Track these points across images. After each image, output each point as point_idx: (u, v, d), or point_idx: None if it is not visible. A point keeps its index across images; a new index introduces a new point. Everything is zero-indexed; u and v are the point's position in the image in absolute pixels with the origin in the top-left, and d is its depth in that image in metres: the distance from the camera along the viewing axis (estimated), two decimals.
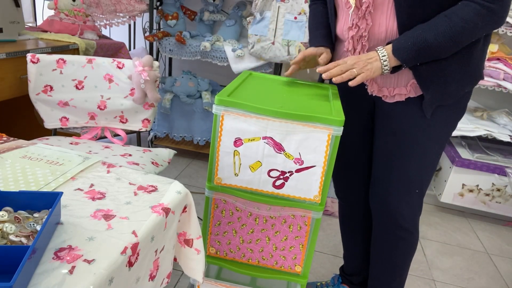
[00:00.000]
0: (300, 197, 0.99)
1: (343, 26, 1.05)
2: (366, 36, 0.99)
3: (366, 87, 1.08)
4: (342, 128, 0.91)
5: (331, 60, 1.15)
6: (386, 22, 0.96)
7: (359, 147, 1.22)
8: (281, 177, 0.97)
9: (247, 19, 2.10)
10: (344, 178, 1.31)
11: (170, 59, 2.69)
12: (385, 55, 0.94)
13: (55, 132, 1.54)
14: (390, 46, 0.94)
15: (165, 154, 1.51)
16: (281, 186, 0.98)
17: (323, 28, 1.15)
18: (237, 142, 0.96)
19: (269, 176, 0.97)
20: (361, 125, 1.19)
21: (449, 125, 1.07)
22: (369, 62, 0.94)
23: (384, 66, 0.94)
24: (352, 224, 1.38)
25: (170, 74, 2.74)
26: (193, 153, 2.56)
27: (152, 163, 1.40)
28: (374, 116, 1.15)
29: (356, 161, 1.25)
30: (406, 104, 1.03)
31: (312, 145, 0.92)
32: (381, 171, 1.14)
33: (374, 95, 1.07)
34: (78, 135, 1.98)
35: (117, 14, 2.25)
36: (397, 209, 1.12)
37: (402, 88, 1.02)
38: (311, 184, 0.96)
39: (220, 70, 2.56)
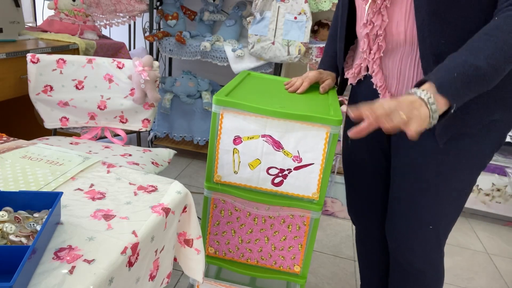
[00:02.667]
0: (298, 195, 0.99)
1: (360, 23, 0.93)
2: (382, 35, 0.86)
3: (379, 95, 0.94)
4: (340, 127, 0.91)
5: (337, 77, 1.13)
6: (405, 21, 0.82)
7: (373, 172, 1.09)
8: (280, 174, 0.97)
9: (247, 19, 2.11)
10: (357, 203, 1.18)
11: (170, 59, 2.69)
12: (430, 97, 0.69)
13: (55, 132, 1.54)
14: (429, 84, 0.71)
15: (165, 154, 1.52)
16: (280, 183, 0.99)
17: (335, 54, 1.09)
18: (236, 140, 0.96)
19: (268, 173, 0.98)
20: (375, 148, 1.06)
21: (474, 159, 0.87)
22: (414, 107, 0.70)
23: (433, 113, 0.70)
24: (368, 253, 1.25)
25: (170, 74, 2.74)
26: (193, 153, 2.56)
27: (152, 163, 1.40)
28: (390, 139, 1.01)
29: (370, 185, 1.11)
30: None
31: (310, 142, 0.92)
32: (392, 203, 1.01)
33: None
34: (78, 135, 1.98)
35: (117, 14, 2.26)
36: (407, 246, 0.99)
37: None
38: (310, 181, 0.96)
39: (220, 70, 2.56)
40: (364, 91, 1.01)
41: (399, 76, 0.88)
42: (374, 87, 0.94)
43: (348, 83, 1.08)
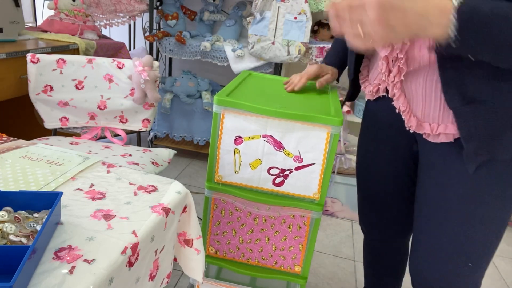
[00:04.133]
0: (299, 195, 0.99)
1: None
2: (403, 58, 0.78)
3: (403, 117, 0.84)
4: (341, 127, 0.91)
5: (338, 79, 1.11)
6: (430, 42, 0.72)
7: (395, 182, 1.00)
8: (281, 174, 0.97)
9: (247, 19, 2.11)
10: (373, 215, 1.10)
11: (170, 59, 2.69)
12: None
13: (55, 132, 1.54)
14: None
15: (165, 154, 1.51)
16: (281, 183, 0.98)
17: (341, 50, 1.04)
18: (237, 140, 0.96)
19: (269, 173, 0.98)
20: (398, 164, 0.97)
21: (508, 189, 0.76)
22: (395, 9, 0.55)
23: (423, 21, 0.57)
24: (379, 262, 1.18)
25: (170, 74, 2.74)
26: (193, 153, 2.56)
27: (152, 163, 1.40)
28: (418, 154, 0.90)
29: (390, 197, 1.02)
30: (453, 147, 0.77)
31: (311, 142, 0.92)
32: (420, 229, 0.89)
33: (412, 131, 0.83)
34: (78, 135, 1.98)
35: (117, 14, 2.26)
36: (435, 284, 0.86)
37: (449, 125, 0.76)
38: (311, 181, 0.96)
39: (220, 70, 2.56)
40: (385, 111, 0.93)
41: (425, 98, 0.78)
42: (397, 111, 0.85)
43: (365, 98, 1.00)
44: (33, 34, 1.85)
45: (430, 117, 0.79)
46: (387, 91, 0.89)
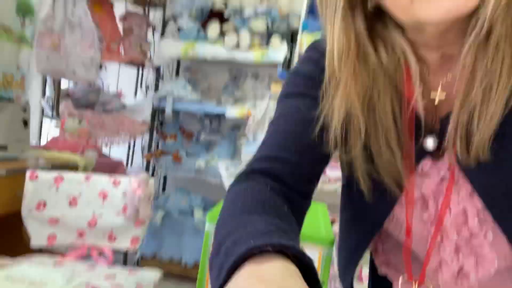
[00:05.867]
0: None
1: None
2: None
3: None
4: (333, 248, 0.90)
5: None
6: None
7: None
8: None
9: (242, 139, 2.24)
10: None
11: (165, 175, 2.76)
12: None
13: (40, 249, 1.49)
14: None
15: (151, 277, 1.45)
16: None
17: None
18: None
19: None
20: None
21: None
22: None
23: None
24: None
25: (164, 189, 2.78)
26: (181, 276, 2.42)
27: (137, 287, 1.32)
28: None
29: None
30: None
31: None
32: None
33: None
34: (64, 252, 1.90)
35: (119, 133, 2.39)
36: None
37: None
38: None
39: (213, 187, 2.60)
40: None
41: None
42: None
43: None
44: (35, 151, 1.92)
45: None
46: None
